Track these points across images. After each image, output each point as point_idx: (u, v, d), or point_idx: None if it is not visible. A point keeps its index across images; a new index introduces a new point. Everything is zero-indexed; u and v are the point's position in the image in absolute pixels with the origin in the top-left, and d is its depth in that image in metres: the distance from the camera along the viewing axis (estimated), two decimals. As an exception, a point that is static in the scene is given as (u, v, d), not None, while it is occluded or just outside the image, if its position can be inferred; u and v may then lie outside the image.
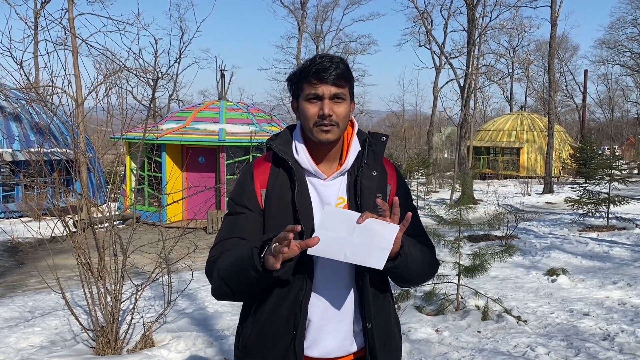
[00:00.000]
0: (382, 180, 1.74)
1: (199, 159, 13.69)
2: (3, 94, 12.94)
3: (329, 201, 1.68)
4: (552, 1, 20.46)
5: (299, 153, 1.69)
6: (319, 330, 1.67)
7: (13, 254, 9.66)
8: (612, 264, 8.06)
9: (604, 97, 50.90)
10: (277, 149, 1.69)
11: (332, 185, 1.70)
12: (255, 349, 1.70)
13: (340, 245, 1.52)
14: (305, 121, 1.65)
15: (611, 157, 12.48)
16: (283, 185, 1.67)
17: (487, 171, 30.04)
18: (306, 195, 1.66)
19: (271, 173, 1.71)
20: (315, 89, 1.60)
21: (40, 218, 6.91)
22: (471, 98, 20.97)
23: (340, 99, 1.62)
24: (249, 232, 1.66)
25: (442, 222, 5.89)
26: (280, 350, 1.65)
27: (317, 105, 1.61)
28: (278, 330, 1.65)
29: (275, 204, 1.66)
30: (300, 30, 32.66)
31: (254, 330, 1.70)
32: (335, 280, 1.67)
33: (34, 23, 21.54)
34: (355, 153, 1.73)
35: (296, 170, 1.66)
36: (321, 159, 1.71)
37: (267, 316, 1.67)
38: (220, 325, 5.16)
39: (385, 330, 1.74)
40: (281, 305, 1.65)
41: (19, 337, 4.75)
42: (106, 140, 10.15)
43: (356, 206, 1.67)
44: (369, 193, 1.68)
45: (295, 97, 1.70)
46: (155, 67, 6.53)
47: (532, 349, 4.45)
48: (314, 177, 1.70)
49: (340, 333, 1.68)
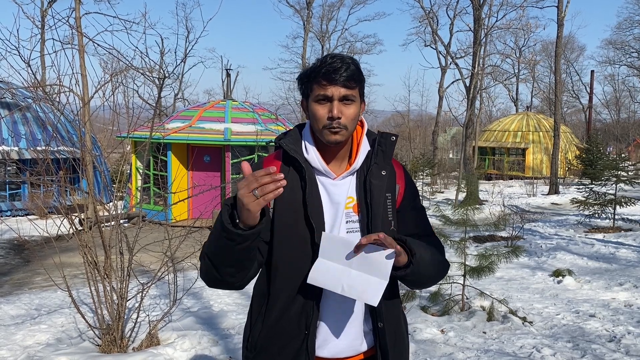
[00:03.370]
0: (391, 179, 1.73)
1: (205, 158, 13.72)
2: (10, 92, 13.00)
3: (339, 200, 1.68)
4: (559, 1, 20.37)
5: (309, 152, 1.68)
6: (329, 331, 1.67)
7: (20, 252, 9.72)
8: (619, 266, 8.02)
9: (611, 98, 50.75)
10: (287, 148, 1.68)
11: (341, 184, 1.69)
12: (266, 349, 1.69)
13: (338, 277, 1.53)
14: (314, 122, 1.64)
15: (617, 158, 12.39)
16: (293, 184, 1.66)
17: (493, 172, 29.95)
18: (317, 194, 1.65)
19: (281, 171, 1.67)
20: (324, 90, 1.59)
21: (46, 216, 6.93)
22: (477, 98, 20.91)
23: (349, 101, 1.61)
24: None
25: (447, 222, 5.87)
26: (291, 350, 1.64)
27: (327, 107, 1.60)
28: (289, 330, 1.65)
29: (286, 203, 1.65)
30: (306, 29, 32.68)
31: (264, 330, 1.69)
32: None
33: (41, 22, 21.65)
34: (365, 153, 1.72)
35: (307, 169, 1.65)
36: (331, 159, 1.70)
37: (277, 316, 1.66)
38: (226, 324, 5.17)
39: (395, 330, 1.73)
40: (292, 305, 1.64)
41: (26, 334, 4.78)
42: (112, 139, 10.19)
43: (366, 205, 1.67)
44: (378, 192, 1.67)
45: (305, 96, 1.69)
46: (161, 67, 6.55)
47: (538, 350, 4.43)
48: (323, 177, 1.69)
49: (350, 333, 1.68)
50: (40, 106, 12.46)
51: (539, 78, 46.22)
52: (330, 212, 1.67)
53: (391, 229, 1.69)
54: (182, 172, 13.35)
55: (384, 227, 1.66)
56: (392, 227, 1.70)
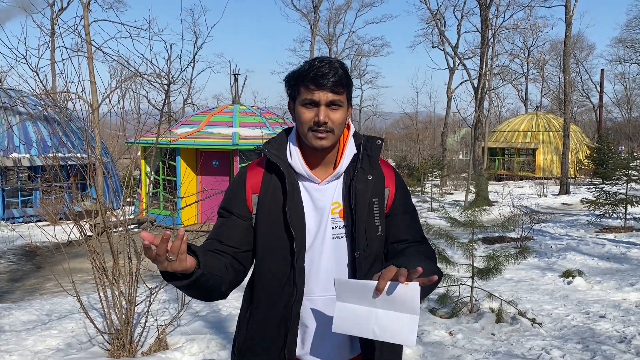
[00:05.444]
0: (379, 184, 1.71)
1: (213, 163, 13.78)
2: (21, 100, 13.16)
3: (324, 206, 1.66)
4: (567, 0, 20.25)
5: (293, 157, 1.67)
6: (315, 336, 1.65)
7: (31, 258, 9.81)
8: (630, 266, 7.94)
9: (621, 97, 50.22)
10: (269, 154, 1.67)
11: (326, 189, 1.68)
12: (249, 354, 1.70)
13: (365, 321, 1.44)
14: (300, 125, 1.63)
15: (629, 157, 12.29)
16: (275, 190, 1.65)
17: (502, 172, 29.80)
18: (298, 200, 1.64)
19: (264, 178, 1.68)
20: (312, 94, 1.57)
21: (56, 222, 7.00)
22: (485, 99, 20.83)
23: (337, 106, 1.59)
24: (232, 237, 1.66)
25: (455, 224, 5.85)
26: (272, 355, 1.65)
27: (313, 111, 1.59)
28: (270, 335, 1.66)
29: (267, 209, 1.65)
30: (313, 33, 32.73)
31: (247, 335, 1.70)
32: (331, 286, 1.62)
33: (50, 30, 21.89)
34: (350, 156, 1.69)
35: (288, 175, 1.64)
36: (316, 163, 1.68)
37: (259, 321, 1.67)
38: (234, 328, 5.17)
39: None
40: (272, 310, 1.65)
41: (36, 339, 4.82)
42: (121, 145, 10.28)
43: (351, 211, 1.65)
44: (363, 198, 1.65)
45: (292, 98, 1.67)
46: (168, 73, 6.60)
47: (547, 351, 4.40)
48: (307, 182, 1.67)
49: (337, 339, 1.65)
50: (48, 112, 12.59)
51: (548, 78, 45.94)
52: (315, 218, 1.65)
53: (378, 235, 1.68)
54: (190, 177, 13.42)
55: (369, 232, 1.65)
56: (380, 232, 1.68)
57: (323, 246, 1.65)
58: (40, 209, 13.72)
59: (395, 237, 1.72)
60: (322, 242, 1.65)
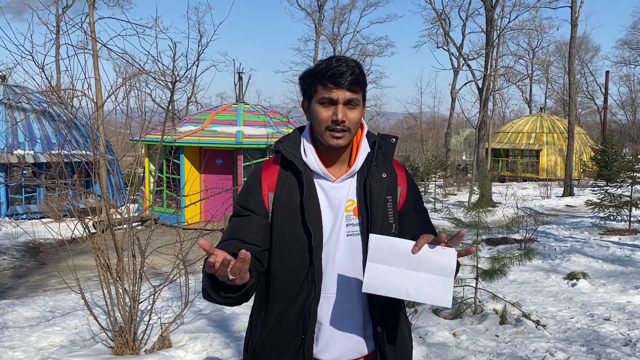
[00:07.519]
0: (392, 182, 1.72)
1: (217, 161, 13.78)
2: (26, 97, 13.18)
3: (339, 203, 1.67)
4: (573, 1, 20.20)
5: (308, 155, 1.67)
6: (330, 334, 1.66)
7: (35, 255, 9.83)
8: (634, 268, 7.90)
9: (626, 99, 50.10)
10: (285, 152, 1.67)
11: (341, 187, 1.68)
12: (265, 353, 1.69)
13: (399, 281, 1.43)
14: (316, 124, 1.63)
15: (633, 159, 12.24)
16: (291, 188, 1.65)
17: (506, 173, 29.76)
18: (315, 198, 1.64)
19: (279, 176, 1.69)
20: (330, 93, 1.58)
21: (60, 219, 7.03)
22: (490, 100, 20.78)
23: (354, 105, 1.60)
24: (251, 234, 1.64)
25: (460, 224, 5.84)
26: (289, 354, 1.64)
27: (331, 110, 1.59)
28: (287, 334, 1.65)
29: (284, 207, 1.65)
30: (318, 32, 32.71)
31: (262, 334, 1.69)
32: (345, 284, 1.65)
33: (55, 27, 21.94)
34: (365, 155, 1.71)
35: (304, 173, 1.64)
36: (331, 162, 1.69)
37: (275, 320, 1.66)
38: (237, 327, 5.18)
39: (396, 334, 1.72)
40: (290, 309, 1.64)
41: (40, 336, 4.83)
42: (125, 143, 10.29)
43: (366, 208, 1.65)
44: (378, 195, 1.66)
45: (306, 97, 1.68)
46: (173, 70, 6.60)
47: (552, 354, 4.38)
48: (322, 180, 1.68)
49: (351, 336, 1.66)
50: (54, 110, 12.62)
51: (552, 79, 45.87)
52: (330, 216, 1.66)
53: (392, 232, 1.68)
54: (194, 175, 13.43)
55: (383, 230, 1.65)
56: (393, 230, 1.69)
57: (338, 243, 1.65)
58: (44, 206, 13.76)
59: (409, 235, 1.71)
60: (337, 239, 1.65)
